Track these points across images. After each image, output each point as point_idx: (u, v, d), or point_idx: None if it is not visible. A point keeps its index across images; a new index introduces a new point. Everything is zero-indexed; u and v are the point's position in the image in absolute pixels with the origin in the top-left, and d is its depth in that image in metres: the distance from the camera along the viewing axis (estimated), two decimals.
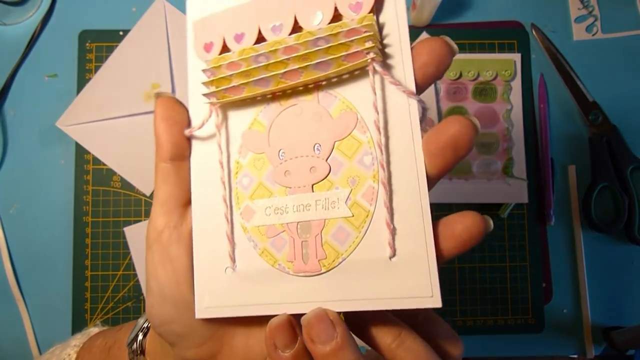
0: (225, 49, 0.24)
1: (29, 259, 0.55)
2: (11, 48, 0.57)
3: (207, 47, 0.24)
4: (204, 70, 0.24)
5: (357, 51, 0.22)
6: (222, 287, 0.24)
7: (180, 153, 0.25)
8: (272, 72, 0.23)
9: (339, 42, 0.22)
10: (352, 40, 0.22)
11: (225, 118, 0.25)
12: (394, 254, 0.21)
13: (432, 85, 0.56)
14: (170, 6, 0.58)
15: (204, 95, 0.24)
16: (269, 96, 0.24)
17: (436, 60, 0.22)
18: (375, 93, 0.22)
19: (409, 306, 0.21)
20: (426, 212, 0.21)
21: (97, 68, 0.57)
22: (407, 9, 0.59)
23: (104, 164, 0.56)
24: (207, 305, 0.24)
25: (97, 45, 0.57)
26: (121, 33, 0.57)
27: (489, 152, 0.56)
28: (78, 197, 0.56)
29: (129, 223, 0.55)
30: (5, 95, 0.57)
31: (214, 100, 0.24)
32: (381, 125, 0.22)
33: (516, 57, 0.58)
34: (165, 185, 0.24)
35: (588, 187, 0.56)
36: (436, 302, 0.21)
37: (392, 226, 0.21)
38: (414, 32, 0.58)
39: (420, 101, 0.22)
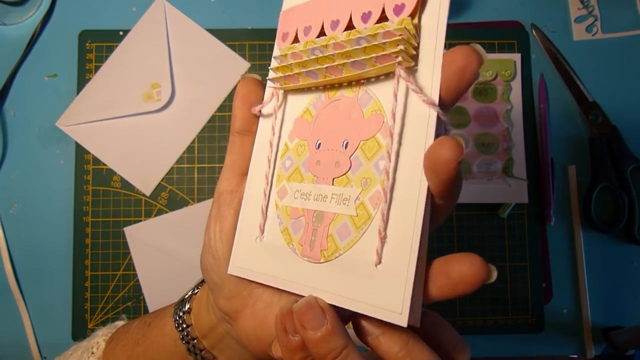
0: (296, 39, 0.26)
1: (29, 259, 0.55)
2: (11, 48, 0.57)
3: (284, 37, 0.27)
4: (274, 57, 0.27)
5: (387, 54, 0.22)
6: (251, 252, 0.26)
7: (246, 128, 0.28)
8: (320, 65, 0.24)
9: (375, 42, 0.22)
10: (385, 43, 0.22)
11: (284, 103, 0.27)
12: (379, 262, 0.22)
13: None
14: (170, 6, 0.58)
15: (268, 79, 0.27)
16: (321, 88, 0.26)
17: (462, 71, 0.21)
18: (396, 99, 0.22)
19: (379, 316, 0.21)
20: (417, 230, 0.21)
21: (97, 68, 0.57)
22: None
23: (104, 164, 0.56)
24: (237, 265, 0.27)
25: (97, 45, 0.57)
26: (121, 33, 0.57)
27: (489, 152, 0.56)
28: (78, 197, 0.56)
29: (129, 223, 0.55)
30: (5, 95, 0.57)
31: (277, 85, 0.27)
32: (396, 131, 0.22)
33: (516, 57, 0.58)
34: (231, 154, 0.28)
35: (588, 187, 0.56)
36: (402, 320, 0.20)
37: (383, 234, 0.22)
38: None
39: (439, 112, 0.21)
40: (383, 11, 0.23)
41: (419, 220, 0.21)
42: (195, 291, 0.33)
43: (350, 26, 0.24)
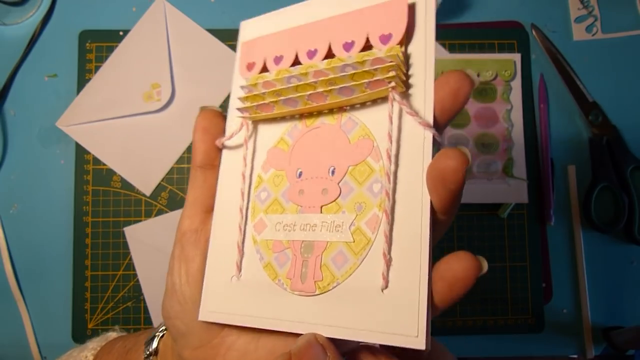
0: (265, 69, 0.26)
1: (29, 259, 0.55)
2: (11, 48, 0.57)
3: (249, 67, 0.26)
4: (242, 87, 0.26)
5: (379, 79, 0.22)
6: (227, 294, 0.24)
7: (209, 161, 0.26)
8: (300, 93, 0.24)
9: (364, 69, 0.22)
10: (376, 69, 0.22)
11: (255, 133, 0.27)
12: (386, 286, 0.21)
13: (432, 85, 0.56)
14: (170, 6, 0.58)
15: (238, 109, 0.26)
16: (297, 117, 0.25)
17: (454, 95, 0.22)
18: (391, 122, 0.22)
19: (392, 343, 0.20)
20: (425, 247, 0.21)
21: (97, 68, 0.57)
22: None
23: (104, 164, 0.56)
24: (210, 310, 0.24)
25: (97, 45, 0.57)
26: (121, 33, 0.57)
27: (489, 152, 0.56)
28: (78, 197, 0.56)
29: (129, 223, 0.55)
30: (5, 95, 0.57)
31: (246, 115, 0.26)
32: (393, 153, 0.22)
33: (516, 57, 0.58)
34: (193, 189, 0.26)
35: (588, 187, 0.56)
36: (420, 343, 0.19)
37: (388, 256, 0.21)
38: None
39: (435, 133, 0.21)
40: (367, 41, 0.23)
41: (425, 237, 0.21)
42: (163, 330, 0.31)
43: (329, 55, 0.24)
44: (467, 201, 0.56)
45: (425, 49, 0.22)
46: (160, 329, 0.31)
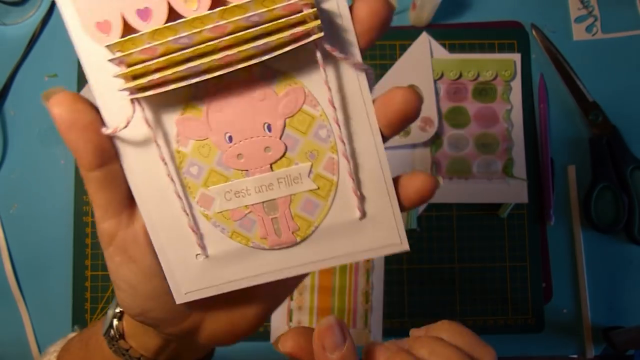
0: (128, 28, 0.20)
1: (29, 259, 0.55)
2: (11, 48, 0.57)
3: (103, 27, 0.20)
4: (112, 60, 0.20)
5: (301, 32, 0.20)
6: (197, 272, 0.24)
7: (105, 157, 0.22)
8: (201, 60, 0.20)
9: (277, 20, 0.20)
10: (293, 22, 0.20)
11: (150, 109, 0.22)
12: (363, 216, 0.23)
13: (432, 86, 0.56)
14: None
15: (124, 90, 0.21)
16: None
17: (374, 19, 0.21)
18: (325, 71, 0.21)
19: (382, 254, 0.23)
20: (387, 176, 0.23)
21: None
22: (407, 9, 0.59)
23: None
24: (185, 291, 0.24)
25: None
26: None
27: (489, 152, 0.56)
28: (78, 197, 0.56)
29: None
30: (5, 95, 0.57)
31: (138, 95, 0.21)
32: (336, 101, 0.22)
33: (516, 57, 0.58)
34: (100, 192, 0.22)
35: (588, 187, 0.56)
36: (404, 246, 0.23)
37: (359, 193, 0.23)
38: (414, 32, 0.58)
39: (368, 69, 0.21)
40: None
41: (386, 168, 0.23)
42: (118, 311, 0.30)
43: (216, 2, 0.20)
44: (467, 201, 0.56)
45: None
46: (115, 312, 0.30)
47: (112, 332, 0.29)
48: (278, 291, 0.28)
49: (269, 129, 0.22)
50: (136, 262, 0.23)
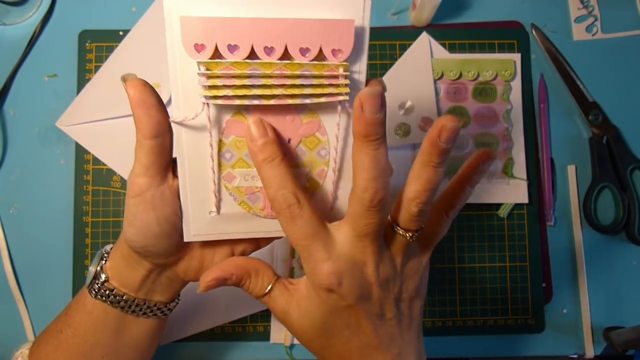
0: (216, 54, 0.28)
1: (29, 259, 0.55)
2: (11, 48, 0.57)
3: (198, 48, 0.28)
4: (201, 73, 0.28)
5: (334, 93, 0.30)
6: (207, 223, 0.33)
7: (160, 131, 0.30)
8: (265, 92, 0.29)
9: (321, 80, 0.29)
10: (330, 84, 0.29)
11: (213, 109, 0.31)
12: (331, 209, 0.34)
13: (432, 86, 0.56)
14: None
15: (205, 96, 0.29)
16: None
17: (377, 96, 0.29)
18: (340, 118, 0.31)
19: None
20: None
21: (97, 68, 0.57)
22: (407, 9, 0.59)
23: (104, 164, 0.56)
24: (194, 234, 0.33)
25: (97, 45, 0.57)
26: (121, 33, 0.57)
27: None
28: (78, 197, 0.56)
29: None
30: (5, 95, 0.57)
31: (209, 100, 0.29)
32: (341, 136, 0.32)
33: (516, 57, 0.58)
34: (148, 156, 0.30)
35: (588, 187, 0.56)
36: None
37: (334, 195, 0.33)
38: (414, 32, 0.58)
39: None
40: (320, 50, 0.29)
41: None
42: (104, 261, 0.37)
43: (285, 56, 0.29)
44: (467, 201, 0.56)
45: (361, 66, 0.30)
46: (97, 267, 0.36)
47: (97, 282, 0.36)
48: (243, 248, 0.35)
49: (289, 141, 0.32)
50: (156, 210, 0.31)
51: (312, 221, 0.29)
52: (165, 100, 0.32)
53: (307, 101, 0.30)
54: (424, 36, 0.57)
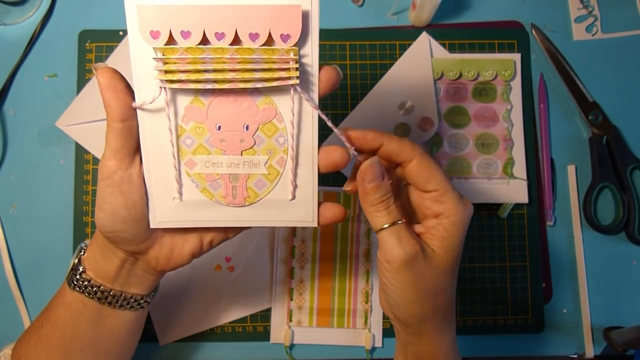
0: (170, 40, 0.30)
1: (29, 259, 0.55)
2: (11, 48, 0.57)
3: (154, 35, 0.30)
4: (156, 58, 0.30)
5: (284, 77, 0.31)
6: (171, 209, 0.34)
7: (127, 115, 0.31)
8: (217, 76, 0.30)
9: (272, 64, 0.30)
10: (281, 68, 0.31)
11: (170, 94, 0.32)
12: (293, 198, 0.34)
13: (432, 85, 0.56)
14: None
15: (160, 80, 0.30)
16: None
17: (330, 83, 0.32)
18: (293, 102, 0.32)
19: (299, 225, 0.41)
20: (315, 178, 0.34)
21: None
22: (407, 9, 0.59)
23: None
24: (159, 220, 0.34)
25: (97, 45, 0.57)
26: (121, 33, 0.57)
27: (489, 152, 0.56)
28: (78, 197, 0.56)
29: None
30: (5, 95, 0.57)
31: (166, 85, 0.31)
32: (295, 122, 0.33)
33: (516, 57, 0.58)
34: (117, 138, 0.32)
35: (588, 187, 0.56)
36: (315, 224, 0.35)
37: (294, 183, 0.34)
38: (414, 32, 0.58)
39: (319, 111, 0.33)
40: (269, 35, 0.30)
41: (315, 173, 0.34)
42: (82, 253, 0.39)
43: (236, 41, 0.30)
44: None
45: (312, 48, 0.31)
46: (75, 259, 0.38)
47: (76, 273, 0.38)
48: (211, 237, 0.37)
49: (247, 129, 0.33)
50: (124, 194, 0.32)
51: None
52: None
53: (259, 85, 0.30)
54: (424, 36, 0.57)
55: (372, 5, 0.59)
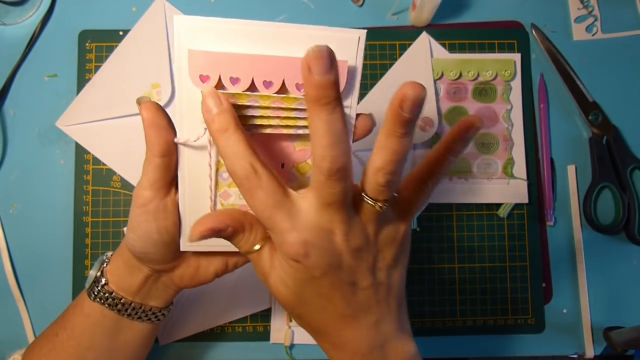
0: (219, 85, 0.31)
1: (29, 259, 0.55)
2: (11, 48, 0.57)
3: (203, 78, 0.30)
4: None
5: None
6: None
7: (168, 151, 0.32)
8: (263, 122, 0.31)
9: None
10: None
11: None
12: None
13: (432, 86, 0.56)
14: (170, 6, 0.58)
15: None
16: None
17: (365, 130, 0.32)
18: None
19: None
20: None
21: (97, 68, 0.57)
22: (407, 9, 0.59)
23: (104, 164, 0.56)
24: (189, 244, 0.35)
25: (97, 45, 0.57)
26: (121, 33, 0.57)
27: (489, 152, 0.56)
28: (78, 197, 0.56)
29: None
30: (5, 95, 0.57)
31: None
32: None
33: (516, 57, 0.58)
34: (155, 171, 0.33)
35: (588, 187, 0.56)
36: None
37: None
38: (414, 32, 0.58)
39: (354, 155, 0.32)
40: None
41: None
42: (104, 266, 0.39)
43: (282, 89, 0.31)
44: (467, 201, 0.56)
45: (351, 102, 0.32)
46: (97, 271, 0.39)
47: (97, 285, 0.38)
48: (236, 260, 0.38)
49: (282, 166, 0.34)
50: (157, 221, 0.34)
51: (273, 190, 0.28)
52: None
53: (300, 132, 0.32)
54: (424, 36, 0.57)
55: (372, 5, 0.59)
